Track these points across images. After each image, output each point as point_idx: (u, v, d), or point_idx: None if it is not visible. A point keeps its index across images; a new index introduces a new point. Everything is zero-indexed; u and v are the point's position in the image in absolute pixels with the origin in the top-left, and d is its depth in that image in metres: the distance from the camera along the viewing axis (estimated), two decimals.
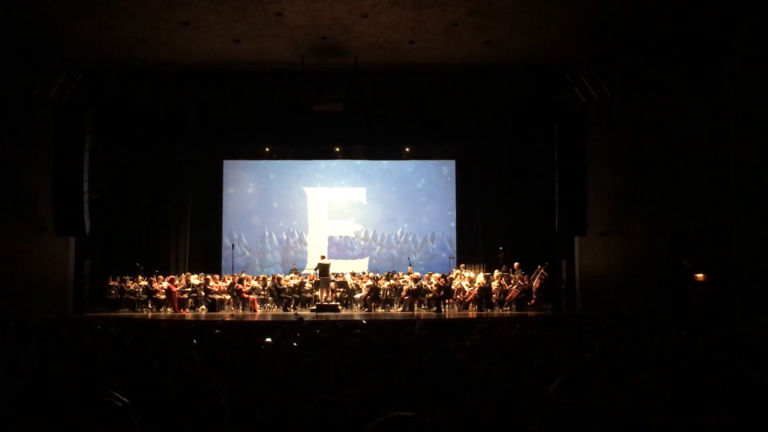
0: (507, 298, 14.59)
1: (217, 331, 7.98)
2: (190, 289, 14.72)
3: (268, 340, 6.91)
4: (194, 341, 6.83)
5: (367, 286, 14.86)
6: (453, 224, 17.74)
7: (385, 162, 17.86)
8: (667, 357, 5.01)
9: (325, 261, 15.25)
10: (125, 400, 2.43)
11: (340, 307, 14.38)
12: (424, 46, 12.49)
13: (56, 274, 13.57)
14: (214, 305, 14.37)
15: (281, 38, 12.13)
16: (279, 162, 17.66)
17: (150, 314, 13.92)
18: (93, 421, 2.15)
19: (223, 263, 16.98)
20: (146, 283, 14.66)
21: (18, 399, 3.27)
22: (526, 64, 13.57)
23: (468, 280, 15.28)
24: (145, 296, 14.52)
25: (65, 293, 13.70)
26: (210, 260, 16.96)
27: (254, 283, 15.12)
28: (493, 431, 2.90)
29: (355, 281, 15.59)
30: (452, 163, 17.86)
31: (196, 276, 15.26)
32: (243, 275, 15.31)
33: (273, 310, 14.72)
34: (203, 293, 14.71)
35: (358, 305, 14.87)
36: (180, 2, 10.57)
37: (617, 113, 13.54)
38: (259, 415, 3.28)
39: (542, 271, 14.53)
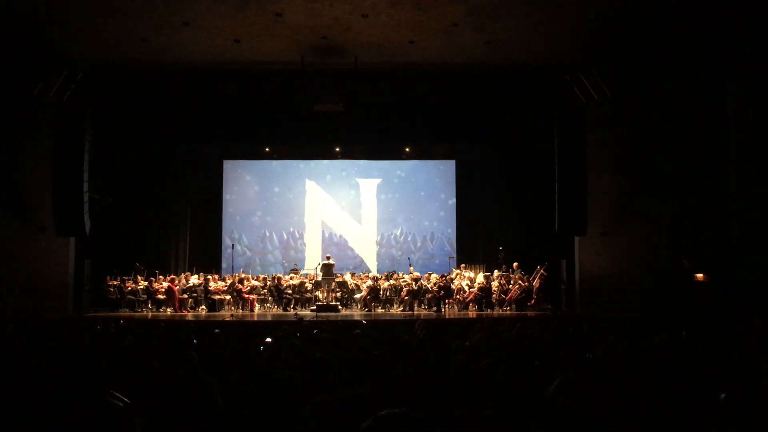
0: (507, 298, 14.58)
1: (217, 330, 7.99)
2: (190, 290, 14.71)
3: (268, 340, 6.93)
4: (194, 341, 6.85)
5: (367, 286, 14.85)
6: (453, 224, 17.72)
7: (385, 162, 17.85)
8: (667, 357, 5.01)
9: (330, 261, 15.24)
10: (125, 400, 2.43)
11: (340, 307, 14.38)
12: (424, 46, 12.49)
13: (56, 274, 13.56)
14: (214, 305, 14.36)
15: (281, 38, 12.13)
16: (279, 162, 17.66)
17: (150, 314, 13.91)
18: (93, 421, 2.15)
19: (224, 263, 16.97)
20: (146, 283, 14.64)
21: (18, 399, 3.27)
22: (526, 64, 13.56)
23: (468, 280, 15.27)
24: (145, 296, 14.51)
25: (65, 293, 13.69)
26: (210, 260, 16.92)
27: (254, 283, 15.12)
28: (493, 431, 2.91)
29: (355, 281, 15.58)
30: (452, 163, 17.83)
31: (196, 276, 15.26)
32: (243, 275, 15.30)
33: (273, 310, 14.71)
34: (203, 293, 14.71)
35: (358, 305, 14.86)
36: (180, 2, 10.57)
37: (617, 113, 13.53)
38: (260, 414, 3.27)
39: (542, 271, 14.51)
